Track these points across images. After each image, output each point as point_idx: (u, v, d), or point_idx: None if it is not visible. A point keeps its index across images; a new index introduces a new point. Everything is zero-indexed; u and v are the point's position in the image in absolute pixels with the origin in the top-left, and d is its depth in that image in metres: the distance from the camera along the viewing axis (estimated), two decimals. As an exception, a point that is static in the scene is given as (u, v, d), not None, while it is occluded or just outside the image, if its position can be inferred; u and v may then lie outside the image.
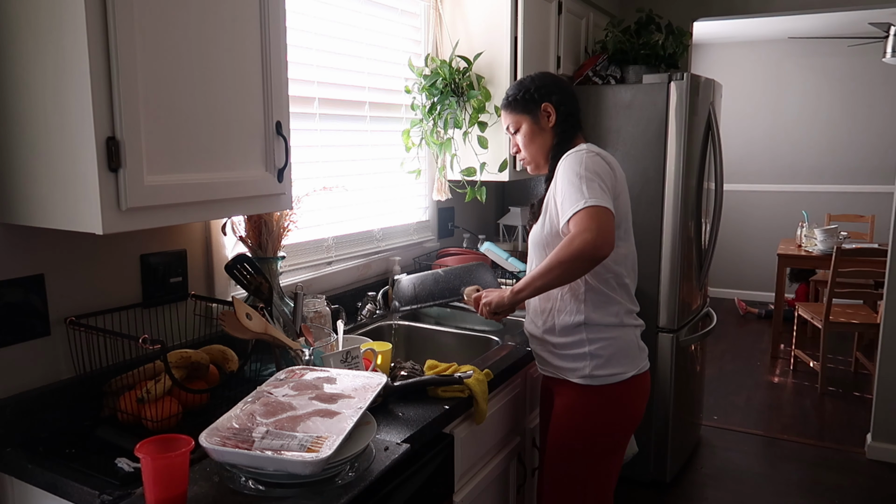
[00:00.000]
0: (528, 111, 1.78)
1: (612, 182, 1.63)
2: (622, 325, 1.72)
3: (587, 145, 1.72)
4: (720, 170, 3.06)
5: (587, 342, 1.70)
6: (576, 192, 1.57)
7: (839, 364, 4.82)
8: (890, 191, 5.87)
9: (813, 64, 6.27)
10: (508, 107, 1.82)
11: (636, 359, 1.75)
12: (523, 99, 1.78)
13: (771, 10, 3.52)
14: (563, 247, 1.54)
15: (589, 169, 1.60)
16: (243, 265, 1.63)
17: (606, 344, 1.70)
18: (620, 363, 1.71)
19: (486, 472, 1.79)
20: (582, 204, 1.54)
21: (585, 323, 1.70)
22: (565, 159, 1.67)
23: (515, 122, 1.81)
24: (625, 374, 1.71)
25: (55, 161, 1.16)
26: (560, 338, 1.73)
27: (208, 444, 1.10)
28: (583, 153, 1.66)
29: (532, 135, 1.79)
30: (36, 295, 1.38)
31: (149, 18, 1.15)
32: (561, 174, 1.64)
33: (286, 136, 1.45)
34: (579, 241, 1.51)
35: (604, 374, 1.70)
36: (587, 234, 1.51)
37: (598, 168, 1.62)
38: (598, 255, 1.52)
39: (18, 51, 1.18)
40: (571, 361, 1.73)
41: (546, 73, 1.85)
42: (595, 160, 1.64)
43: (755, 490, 3.12)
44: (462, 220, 2.98)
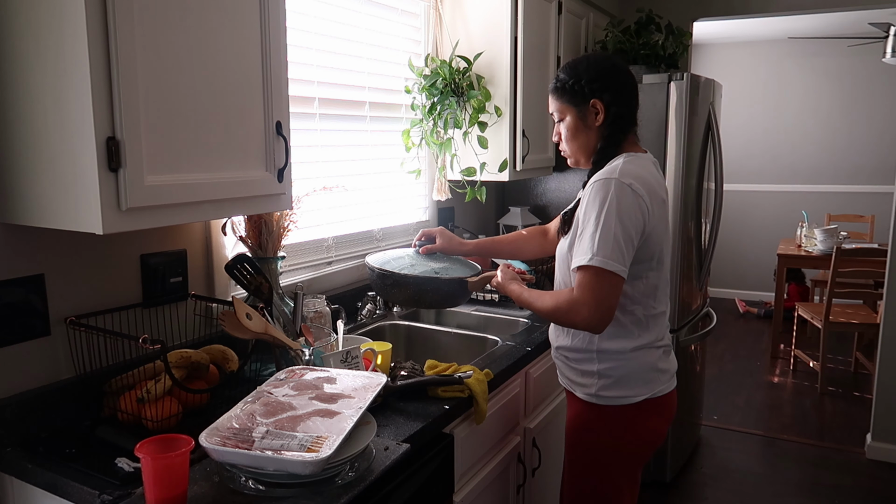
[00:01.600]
0: (575, 103, 1.59)
1: (640, 224, 1.47)
2: (637, 349, 1.59)
3: (626, 159, 1.53)
4: (720, 170, 3.06)
5: (597, 361, 1.61)
6: (589, 239, 1.44)
7: (839, 364, 4.82)
8: (890, 191, 5.87)
9: (813, 64, 6.27)
10: (555, 93, 1.62)
11: (652, 382, 1.61)
12: (572, 89, 1.58)
13: (771, 10, 3.52)
14: (565, 305, 1.46)
15: (611, 212, 1.44)
16: (243, 265, 1.63)
17: (617, 366, 1.59)
18: (631, 386, 1.59)
19: (486, 472, 1.79)
20: (587, 259, 1.43)
21: (597, 349, 1.61)
22: (593, 186, 1.49)
23: (560, 112, 1.63)
24: (635, 397, 1.59)
25: (55, 161, 1.16)
26: (572, 352, 1.66)
27: (208, 444, 1.10)
28: (612, 183, 1.46)
29: (575, 130, 1.61)
30: (36, 295, 1.38)
31: (149, 18, 1.15)
32: (587, 203, 1.49)
33: (286, 136, 1.45)
34: (576, 314, 1.44)
35: (611, 395, 1.60)
36: (586, 310, 1.43)
37: (624, 211, 1.44)
38: (590, 331, 1.49)
39: (19, 51, 1.18)
40: (580, 376, 1.65)
41: (607, 60, 1.61)
42: (624, 195, 1.45)
43: (755, 490, 3.12)
44: (462, 220, 2.98)
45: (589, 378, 1.63)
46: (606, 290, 1.43)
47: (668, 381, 1.66)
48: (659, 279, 1.60)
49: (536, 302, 1.58)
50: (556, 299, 1.51)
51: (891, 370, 3.32)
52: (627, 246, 1.44)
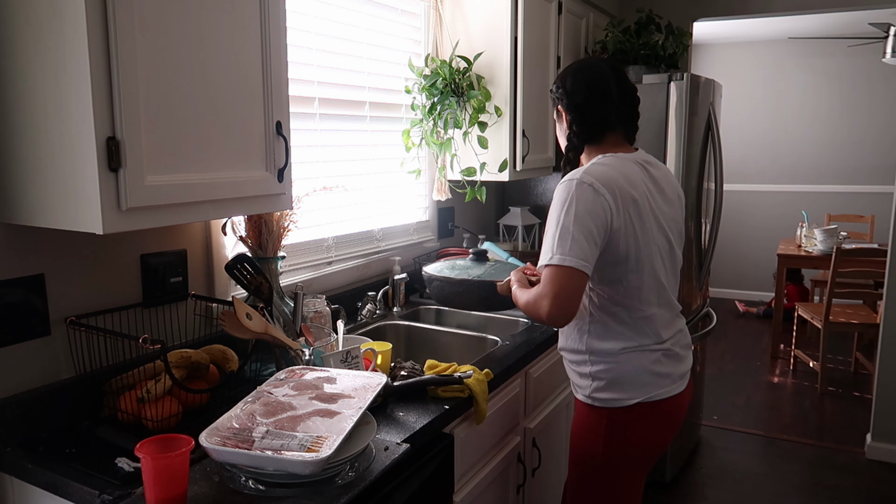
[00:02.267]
0: (554, 106, 1.71)
1: (602, 219, 1.47)
2: (629, 351, 1.58)
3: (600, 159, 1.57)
4: (720, 170, 3.06)
5: (589, 363, 1.62)
6: (550, 240, 1.48)
7: (839, 364, 4.82)
8: (890, 191, 5.87)
9: (813, 64, 6.27)
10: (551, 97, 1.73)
11: (648, 385, 1.58)
12: (555, 96, 1.68)
13: (771, 10, 3.52)
14: (533, 299, 1.50)
15: (570, 211, 1.46)
16: (243, 265, 1.63)
17: (609, 368, 1.59)
18: (623, 389, 1.58)
19: (486, 472, 1.79)
20: (548, 258, 1.46)
21: (587, 351, 1.62)
22: (558, 188, 1.52)
23: (554, 115, 1.74)
24: (628, 400, 1.58)
25: (55, 161, 1.16)
26: (568, 353, 1.69)
27: (208, 444, 1.10)
28: (573, 184, 1.48)
29: (560, 132, 1.72)
30: (36, 295, 1.38)
31: (149, 18, 1.15)
32: (552, 205, 1.53)
33: (286, 136, 1.45)
34: (540, 307, 1.47)
35: (604, 397, 1.60)
36: (545, 302, 1.45)
37: (583, 209, 1.45)
38: (553, 325, 1.52)
39: (19, 51, 1.18)
40: (578, 378, 1.67)
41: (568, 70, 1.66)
42: (584, 195, 1.46)
43: (755, 490, 3.12)
44: (462, 220, 2.98)
45: (585, 380, 1.64)
46: (564, 284, 1.44)
47: (669, 385, 1.62)
48: (641, 281, 1.56)
49: (519, 299, 1.60)
50: (528, 295, 1.54)
51: (891, 370, 3.32)
52: (588, 242, 1.45)
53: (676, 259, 1.68)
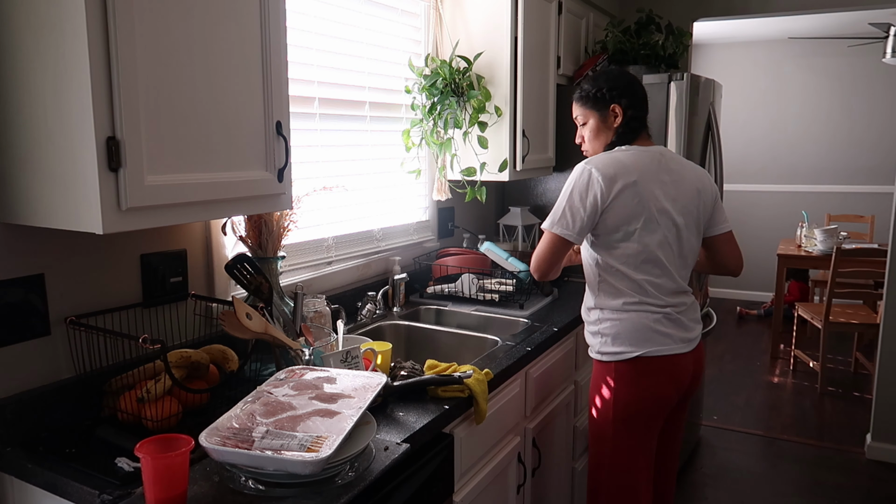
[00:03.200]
0: (598, 108, 1.91)
1: (590, 200, 1.76)
2: (630, 309, 1.83)
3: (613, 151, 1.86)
4: (720, 170, 3.06)
5: (599, 321, 1.88)
6: (552, 211, 1.83)
7: (839, 364, 4.82)
8: (890, 191, 5.87)
9: (813, 64, 6.27)
10: (580, 101, 1.94)
11: (648, 341, 1.81)
12: (595, 97, 1.90)
13: (771, 10, 3.52)
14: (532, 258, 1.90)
15: (567, 189, 1.80)
16: (243, 265, 1.63)
17: (612, 324, 1.84)
18: (626, 342, 1.82)
19: (486, 472, 1.79)
20: (544, 226, 1.84)
21: (597, 306, 1.89)
22: (574, 168, 1.82)
23: (584, 116, 1.94)
24: (629, 353, 1.82)
25: (55, 161, 1.16)
26: (586, 314, 1.95)
27: (208, 444, 1.10)
28: (578, 168, 1.81)
29: (597, 131, 1.93)
30: (36, 295, 1.38)
31: (149, 18, 1.15)
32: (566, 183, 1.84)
33: (286, 135, 1.45)
34: (530, 262, 1.90)
35: (609, 350, 1.85)
36: (533, 259, 1.88)
37: (583, 189, 1.77)
38: (535, 275, 1.89)
39: (18, 50, 1.18)
40: (591, 337, 1.93)
41: (623, 73, 1.94)
42: (582, 176, 1.78)
43: (755, 490, 3.12)
44: (462, 220, 2.98)
45: (596, 338, 1.90)
46: (547, 246, 1.84)
47: (671, 344, 1.83)
48: (634, 249, 1.81)
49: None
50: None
51: (891, 370, 3.32)
52: (575, 217, 1.78)
53: (684, 241, 1.86)
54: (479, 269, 2.59)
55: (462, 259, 2.63)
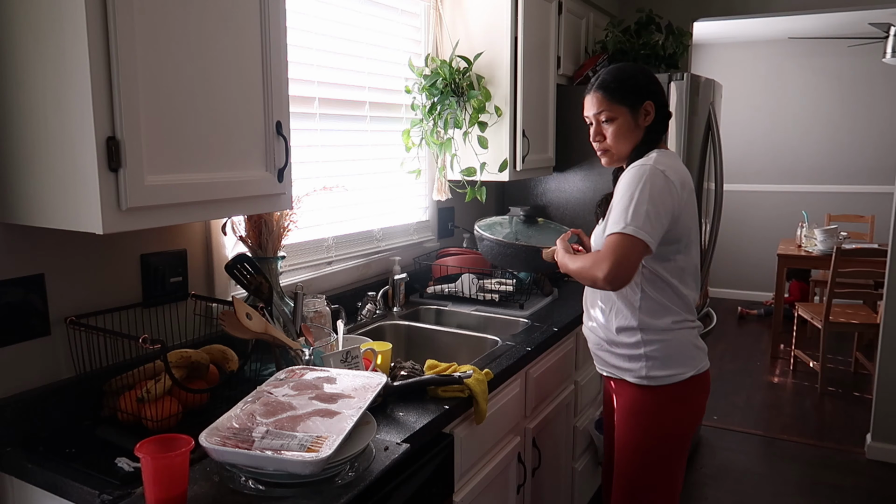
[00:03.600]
0: (630, 104, 1.70)
1: (669, 205, 1.61)
2: (676, 328, 1.71)
3: (658, 153, 1.69)
4: (720, 170, 3.06)
5: (643, 344, 1.71)
6: (622, 212, 1.58)
7: (839, 364, 4.82)
8: (890, 191, 5.87)
9: (813, 64, 6.27)
10: (608, 94, 1.70)
11: (694, 359, 1.74)
12: (629, 90, 1.70)
13: (771, 10, 3.52)
14: (590, 262, 1.62)
15: (644, 190, 1.58)
16: (243, 265, 1.63)
17: (661, 346, 1.70)
18: (678, 364, 1.71)
19: (486, 472, 1.79)
20: (619, 227, 1.57)
21: (640, 327, 1.71)
22: (630, 171, 1.65)
23: (611, 112, 1.71)
24: (683, 374, 1.71)
25: (55, 161, 1.16)
26: (617, 336, 1.75)
27: (208, 444, 1.10)
28: (647, 168, 1.62)
29: (626, 130, 1.71)
30: (36, 295, 1.38)
31: (149, 18, 1.15)
32: (621, 185, 1.64)
33: (286, 135, 1.45)
34: (598, 269, 1.57)
35: (661, 374, 1.71)
36: (606, 265, 1.55)
37: (656, 189, 1.59)
38: (607, 288, 1.59)
39: (19, 51, 1.18)
40: (628, 362, 1.74)
41: (648, 70, 1.78)
42: (657, 178, 1.60)
43: (755, 490, 3.12)
44: (462, 220, 2.98)
45: (636, 361, 1.72)
46: (629, 252, 1.55)
47: (705, 358, 1.78)
48: (687, 263, 1.72)
49: (571, 263, 1.73)
50: (584, 258, 1.67)
51: (891, 370, 3.32)
52: (656, 222, 1.57)
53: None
54: (479, 269, 2.59)
55: (462, 259, 2.63)
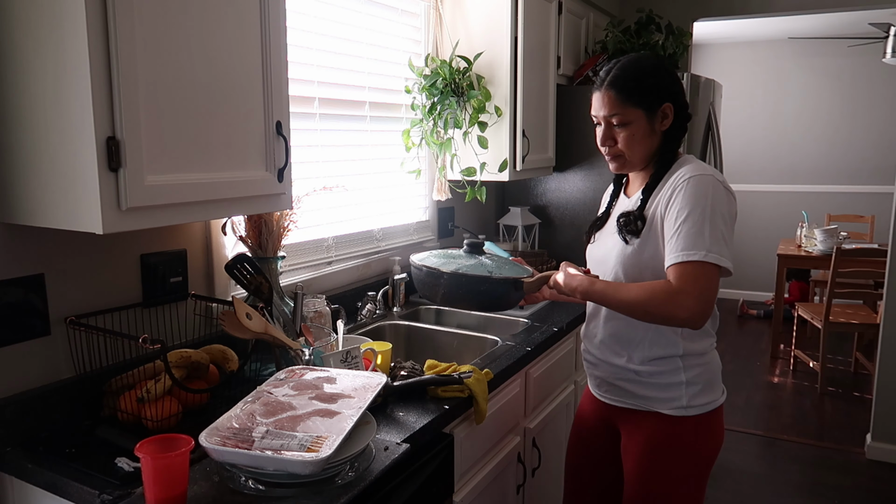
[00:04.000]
0: (645, 106, 1.49)
1: (732, 224, 1.44)
2: (710, 349, 1.58)
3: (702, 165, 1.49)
4: (720, 170, 3.06)
5: (682, 370, 1.53)
6: (697, 235, 1.37)
7: (839, 364, 4.82)
8: (890, 191, 5.87)
9: (813, 64, 6.27)
10: (622, 94, 1.49)
11: (721, 382, 1.61)
12: (647, 91, 1.49)
13: (771, 10, 3.52)
14: (661, 296, 1.37)
15: (718, 210, 1.39)
16: (243, 265, 1.63)
17: (702, 371, 1.54)
18: (715, 389, 1.57)
19: (486, 472, 1.79)
20: (700, 255, 1.35)
21: (682, 354, 1.53)
22: (692, 181, 1.42)
23: (625, 115, 1.49)
24: (718, 400, 1.57)
25: (55, 161, 1.16)
26: (650, 366, 1.54)
27: (208, 444, 1.10)
28: (710, 178, 1.42)
29: (642, 135, 1.50)
30: (36, 295, 1.38)
31: (149, 18, 1.15)
32: (684, 198, 1.41)
33: (286, 135, 1.45)
34: (675, 304, 1.35)
35: (702, 402, 1.53)
36: (690, 301, 1.34)
37: (727, 209, 1.42)
38: (692, 325, 1.37)
39: (19, 50, 1.18)
40: (663, 391, 1.54)
41: (666, 65, 1.56)
42: (726, 196, 1.43)
43: (755, 490, 3.12)
44: (462, 220, 2.98)
45: (676, 389, 1.53)
46: (712, 284, 1.36)
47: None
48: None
49: (619, 292, 1.44)
50: (649, 289, 1.40)
51: (891, 370, 3.32)
52: (730, 243, 1.40)
53: None
54: (479, 269, 2.58)
55: (462, 259, 2.62)
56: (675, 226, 1.41)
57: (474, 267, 1.65)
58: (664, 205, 1.46)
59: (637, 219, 1.51)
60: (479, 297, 1.63)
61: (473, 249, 1.75)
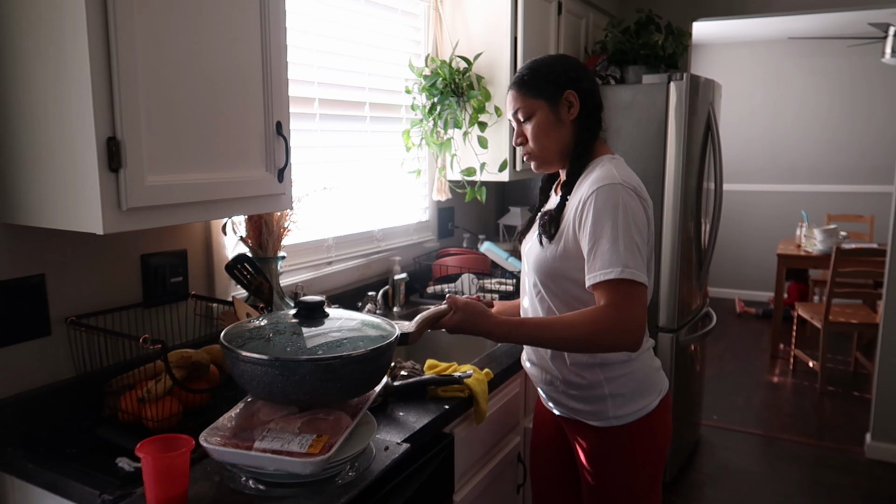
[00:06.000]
0: (547, 96, 1.49)
1: (645, 232, 1.40)
2: (637, 357, 1.52)
3: (606, 162, 1.47)
4: (720, 170, 3.06)
5: (604, 382, 1.50)
6: (611, 250, 1.33)
7: (839, 364, 4.83)
8: (889, 191, 5.87)
9: (813, 64, 6.27)
10: (522, 88, 1.51)
11: (657, 383, 1.56)
12: (543, 81, 1.49)
13: (771, 10, 3.52)
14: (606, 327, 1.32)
15: (628, 220, 1.35)
16: (243, 265, 1.63)
17: (624, 381, 1.50)
18: (644, 395, 1.52)
19: (486, 472, 1.79)
20: (617, 273, 1.31)
21: (601, 364, 1.50)
22: (598, 190, 1.38)
23: (528, 108, 1.50)
24: (650, 405, 1.52)
25: (56, 161, 1.16)
26: (573, 377, 1.52)
27: (208, 444, 1.10)
28: (619, 189, 1.37)
29: (547, 126, 1.49)
30: (36, 295, 1.38)
31: (149, 19, 1.15)
32: (594, 212, 1.37)
33: (286, 136, 1.45)
34: (623, 334, 1.32)
35: (627, 412, 1.50)
36: (633, 326, 1.31)
37: (638, 218, 1.38)
38: (633, 350, 1.34)
39: (19, 51, 1.18)
40: (587, 403, 1.52)
41: (568, 57, 1.56)
42: (633, 203, 1.38)
43: (755, 490, 3.12)
44: (462, 220, 2.99)
45: (599, 403, 1.51)
46: (639, 303, 1.33)
47: (664, 377, 1.60)
48: (650, 284, 1.45)
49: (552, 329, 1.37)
50: (590, 321, 1.33)
51: (890, 370, 3.32)
52: (644, 255, 1.37)
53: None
54: (479, 269, 2.59)
55: (462, 259, 2.63)
56: (590, 239, 1.37)
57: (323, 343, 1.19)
58: (575, 213, 1.42)
59: (553, 219, 1.49)
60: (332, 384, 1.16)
61: (308, 311, 1.27)
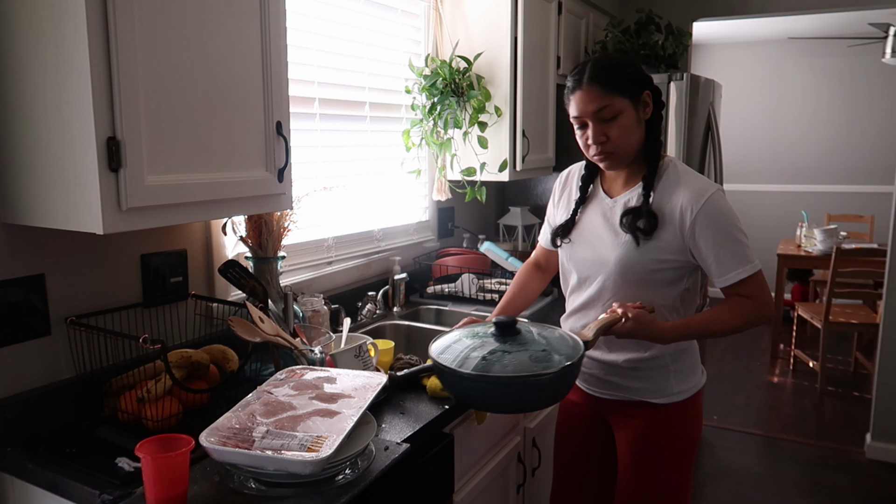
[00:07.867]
0: (631, 94, 1.46)
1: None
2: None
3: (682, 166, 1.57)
4: (720, 170, 3.06)
5: (670, 359, 1.58)
6: (741, 251, 1.49)
7: (839, 364, 4.83)
8: (889, 191, 5.87)
9: (813, 64, 6.27)
10: (610, 85, 1.44)
11: (699, 362, 1.69)
12: (628, 80, 1.45)
13: (771, 10, 3.52)
14: (752, 315, 1.49)
15: (735, 221, 1.51)
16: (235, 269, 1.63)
17: (685, 356, 1.61)
18: (696, 372, 1.64)
19: (486, 472, 1.79)
20: (750, 270, 1.48)
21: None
22: (711, 201, 1.46)
23: (614, 107, 1.45)
24: (700, 382, 1.66)
25: (56, 161, 1.16)
26: (640, 361, 1.58)
27: (208, 444, 1.10)
28: (720, 194, 1.49)
29: (632, 126, 1.47)
30: (36, 295, 1.38)
31: (149, 18, 1.15)
32: (716, 223, 1.47)
33: (286, 136, 1.45)
34: (765, 316, 1.51)
35: (688, 386, 1.61)
36: (768, 309, 1.51)
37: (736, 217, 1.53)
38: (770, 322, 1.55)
39: (19, 50, 1.18)
40: (651, 382, 1.58)
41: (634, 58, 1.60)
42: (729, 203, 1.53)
43: (755, 490, 3.12)
44: (462, 220, 2.99)
45: (663, 381, 1.59)
46: (767, 283, 1.54)
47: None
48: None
49: (712, 327, 1.53)
50: (738, 313, 1.51)
51: (890, 370, 3.32)
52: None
53: None
54: (479, 269, 2.59)
55: (462, 259, 2.63)
56: (716, 248, 1.49)
57: (519, 361, 1.32)
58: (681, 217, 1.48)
59: (651, 216, 1.50)
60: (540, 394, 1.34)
61: (503, 330, 1.43)
